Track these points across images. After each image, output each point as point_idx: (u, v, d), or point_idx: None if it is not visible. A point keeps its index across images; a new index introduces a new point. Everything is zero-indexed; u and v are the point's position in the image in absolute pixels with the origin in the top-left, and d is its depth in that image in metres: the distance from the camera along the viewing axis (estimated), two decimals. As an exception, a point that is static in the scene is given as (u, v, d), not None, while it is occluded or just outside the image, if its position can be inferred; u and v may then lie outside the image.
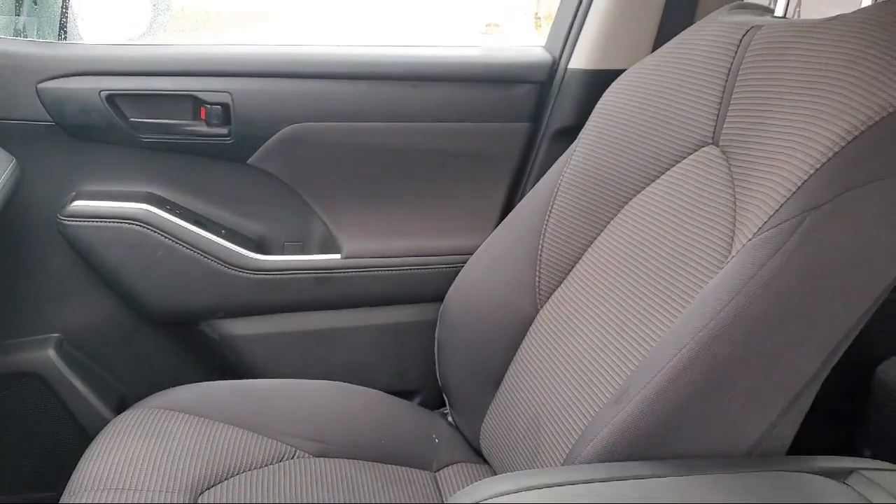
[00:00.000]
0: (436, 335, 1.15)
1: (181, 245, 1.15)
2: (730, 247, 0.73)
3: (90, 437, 0.97)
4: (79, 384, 1.18)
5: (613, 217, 0.94)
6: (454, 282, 1.13)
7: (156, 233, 1.14)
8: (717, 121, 0.83)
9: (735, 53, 0.84)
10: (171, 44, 1.20)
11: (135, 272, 1.16)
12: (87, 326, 1.21)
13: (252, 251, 1.19)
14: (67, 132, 1.11)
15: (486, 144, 1.23)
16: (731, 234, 0.73)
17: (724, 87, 0.83)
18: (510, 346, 1.01)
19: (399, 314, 1.26)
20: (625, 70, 1.03)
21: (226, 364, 1.23)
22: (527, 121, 1.23)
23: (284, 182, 1.20)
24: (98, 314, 1.21)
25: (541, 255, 1.01)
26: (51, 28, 1.20)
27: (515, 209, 1.10)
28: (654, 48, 1.11)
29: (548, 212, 1.01)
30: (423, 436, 1.08)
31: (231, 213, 1.22)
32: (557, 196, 1.01)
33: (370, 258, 1.23)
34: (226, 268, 1.17)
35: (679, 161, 0.87)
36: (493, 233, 1.12)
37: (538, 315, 1.00)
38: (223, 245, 1.17)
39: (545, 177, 1.07)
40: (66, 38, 1.19)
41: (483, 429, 1.04)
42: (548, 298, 0.99)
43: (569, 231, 0.99)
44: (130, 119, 1.12)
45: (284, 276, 1.20)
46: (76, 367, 1.19)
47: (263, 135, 1.15)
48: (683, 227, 0.81)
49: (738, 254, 0.69)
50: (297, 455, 0.97)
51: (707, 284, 0.72)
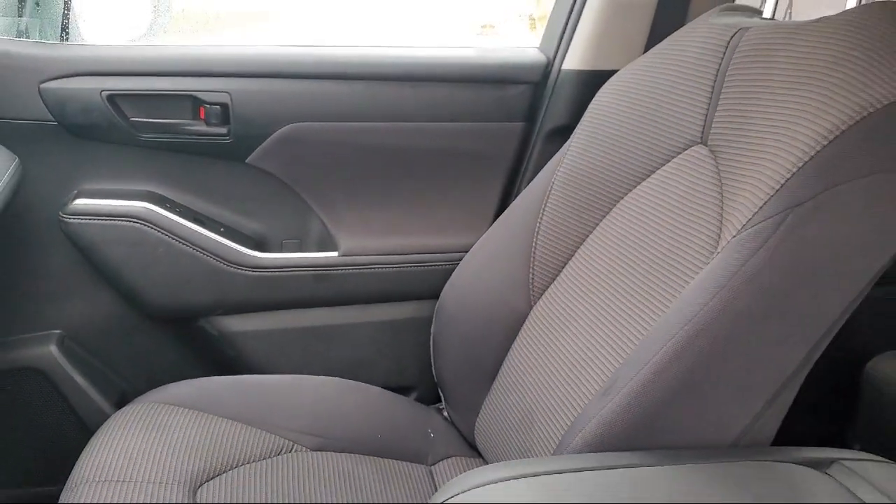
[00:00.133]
0: (431, 332, 1.16)
1: (181, 243, 1.16)
2: (716, 244, 0.74)
3: (91, 432, 0.98)
4: (80, 379, 1.18)
5: (605, 215, 0.95)
6: (450, 279, 1.14)
7: (156, 231, 1.14)
8: (706, 120, 0.84)
9: (723, 55, 0.84)
10: (171, 45, 1.20)
11: (135, 269, 1.16)
12: (89, 323, 1.22)
13: (251, 249, 1.20)
14: (69, 131, 1.12)
15: (482, 144, 1.23)
16: (719, 232, 0.74)
17: (713, 88, 0.84)
18: (504, 343, 1.02)
19: (396, 311, 1.27)
20: (617, 71, 1.04)
21: (225, 360, 1.24)
22: (521, 120, 1.24)
23: (283, 181, 1.21)
24: (99, 311, 1.22)
25: (534, 253, 1.01)
26: (53, 29, 1.20)
27: (510, 208, 1.10)
28: (646, 49, 1.12)
29: (541, 210, 1.02)
30: (419, 430, 1.08)
31: (230, 212, 1.22)
32: (551, 195, 1.02)
33: (367, 256, 1.24)
34: (225, 265, 1.18)
35: (669, 160, 0.88)
36: (488, 231, 1.12)
37: (532, 311, 1.00)
38: (222, 243, 1.18)
39: (539, 176, 1.07)
40: (68, 40, 1.20)
41: (478, 423, 1.05)
42: (541, 295, 1.00)
43: (562, 229, 0.99)
44: (131, 119, 1.12)
45: (283, 274, 1.21)
46: (77, 363, 1.19)
47: (262, 134, 1.16)
48: (672, 225, 0.82)
49: (723, 250, 0.70)
50: (295, 449, 0.98)
51: (693, 280, 0.73)
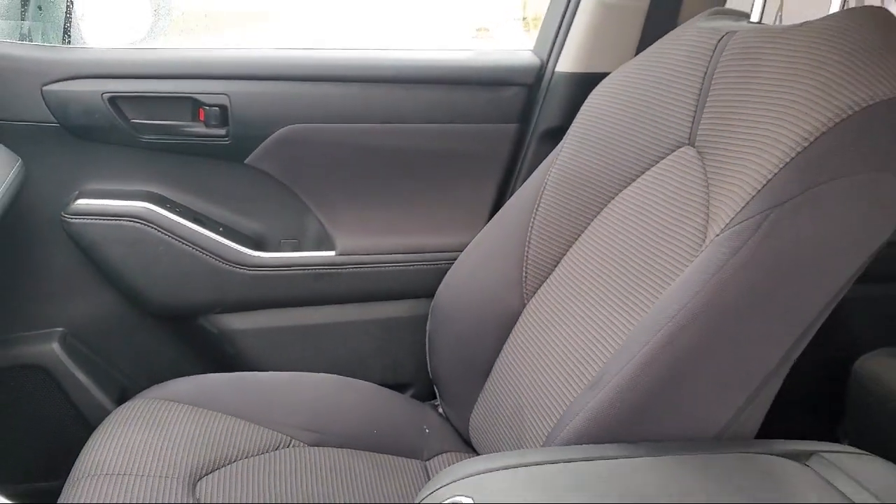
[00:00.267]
0: (427, 330, 1.17)
1: (181, 242, 1.17)
2: (702, 242, 0.75)
3: (92, 428, 0.98)
4: (82, 376, 1.19)
5: (597, 215, 0.96)
6: (445, 278, 1.15)
7: (156, 230, 1.16)
8: (694, 122, 0.85)
9: (710, 58, 0.86)
10: (171, 48, 1.21)
11: (136, 268, 1.17)
12: (90, 321, 1.23)
13: (249, 248, 1.21)
14: (71, 133, 1.13)
15: (477, 145, 1.25)
16: (705, 230, 0.76)
17: (700, 90, 0.85)
18: (498, 340, 1.03)
19: (392, 309, 1.28)
20: (609, 73, 1.05)
21: (224, 357, 1.25)
22: (516, 122, 1.25)
23: (280, 181, 1.22)
24: (100, 309, 1.23)
25: (527, 252, 1.03)
26: (55, 32, 1.21)
27: (504, 208, 1.12)
28: (637, 52, 1.14)
29: (534, 210, 1.03)
30: (415, 427, 1.09)
31: (229, 212, 1.24)
32: (543, 195, 1.03)
33: (364, 255, 1.25)
34: (224, 264, 1.19)
35: (658, 161, 0.89)
36: (482, 231, 1.13)
37: (525, 309, 1.02)
38: (221, 242, 1.19)
39: (532, 176, 1.08)
40: (70, 43, 1.21)
41: (472, 419, 1.06)
42: (534, 293, 1.01)
43: (554, 229, 1.01)
44: (132, 120, 1.14)
45: (281, 273, 1.22)
46: (79, 360, 1.21)
47: (260, 135, 1.17)
48: (661, 224, 0.83)
49: (707, 248, 0.72)
50: (293, 444, 0.99)
51: (678, 277, 0.75)
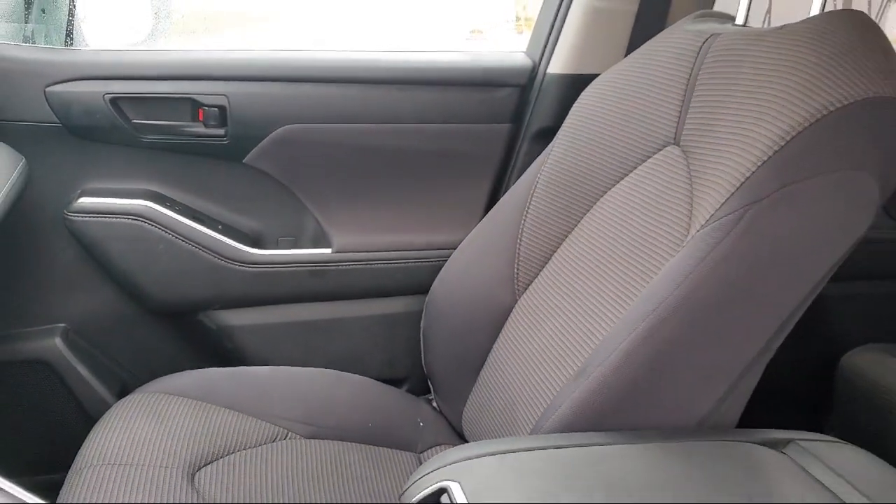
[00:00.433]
0: (421, 325, 1.19)
1: (180, 240, 1.19)
2: (685, 238, 0.77)
3: (94, 421, 1.00)
4: (84, 371, 1.21)
5: (586, 213, 0.98)
6: (439, 275, 1.17)
7: (157, 228, 1.18)
8: (679, 122, 0.87)
9: (695, 60, 0.88)
10: (171, 49, 1.23)
11: (137, 265, 1.19)
12: (92, 317, 1.24)
13: (248, 246, 1.23)
14: (73, 133, 1.15)
15: (471, 144, 1.27)
16: (688, 227, 0.78)
17: (685, 91, 0.88)
18: (490, 335, 1.05)
19: (387, 306, 1.30)
20: (599, 74, 1.07)
21: (223, 353, 1.26)
22: (508, 122, 1.27)
23: (278, 180, 1.24)
24: (102, 305, 1.24)
25: (519, 250, 1.05)
26: (58, 35, 1.23)
27: (496, 206, 1.13)
28: (627, 54, 1.14)
29: (525, 209, 1.05)
30: (409, 420, 1.11)
31: (228, 210, 1.25)
32: (535, 194, 1.05)
33: (360, 252, 1.27)
34: (223, 261, 1.21)
35: (645, 160, 0.91)
36: (475, 228, 1.15)
37: (516, 305, 1.03)
38: (220, 240, 1.21)
39: (524, 175, 1.10)
40: (72, 45, 1.23)
41: (465, 412, 1.08)
42: (525, 289, 1.03)
43: (545, 226, 1.03)
44: (133, 121, 1.15)
45: (278, 270, 1.24)
46: (81, 355, 1.22)
47: (258, 135, 1.19)
48: (647, 220, 0.85)
49: (688, 243, 0.74)
50: (290, 436, 1.01)
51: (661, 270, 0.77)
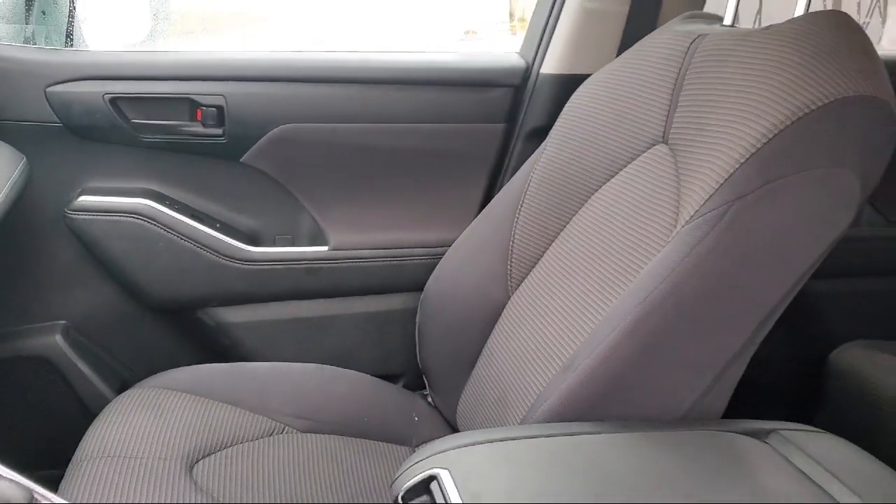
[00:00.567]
0: (416, 322, 1.20)
1: (179, 238, 1.20)
2: (672, 233, 0.78)
3: (94, 417, 1.01)
4: (84, 367, 1.22)
5: (578, 211, 1.00)
6: (434, 272, 1.18)
7: (156, 226, 1.19)
8: (667, 121, 0.89)
9: (683, 59, 0.90)
10: (170, 50, 1.25)
11: (136, 263, 1.21)
12: (92, 314, 1.26)
13: (245, 244, 1.24)
14: (73, 133, 1.16)
15: (465, 144, 1.28)
16: (675, 223, 0.79)
17: (674, 90, 0.89)
18: (484, 332, 1.06)
19: (383, 303, 1.31)
20: (591, 74, 1.08)
21: (221, 349, 1.28)
22: (502, 122, 1.29)
23: (275, 179, 1.25)
24: (102, 302, 1.26)
25: (512, 247, 1.06)
26: (58, 36, 1.25)
27: (490, 204, 1.15)
28: (618, 54, 1.16)
29: (518, 207, 1.07)
30: (404, 415, 1.13)
31: (226, 208, 1.27)
32: (528, 192, 1.06)
33: (356, 250, 1.28)
34: (221, 259, 1.22)
35: (635, 158, 0.93)
36: (470, 227, 1.16)
37: (509, 302, 1.05)
38: (218, 238, 1.22)
39: (517, 174, 1.11)
40: (73, 45, 1.24)
41: (459, 407, 1.09)
42: (518, 286, 1.05)
43: (538, 225, 1.04)
44: (132, 120, 1.17)
45: (276, 267, 1.25)
46: (81, 352, 1.23)
47: (255, 135, 1.20)
48: (636, 217, 0.87)
49: (673, 238, 0.76)
50: (286, 430, 1.02)
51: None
